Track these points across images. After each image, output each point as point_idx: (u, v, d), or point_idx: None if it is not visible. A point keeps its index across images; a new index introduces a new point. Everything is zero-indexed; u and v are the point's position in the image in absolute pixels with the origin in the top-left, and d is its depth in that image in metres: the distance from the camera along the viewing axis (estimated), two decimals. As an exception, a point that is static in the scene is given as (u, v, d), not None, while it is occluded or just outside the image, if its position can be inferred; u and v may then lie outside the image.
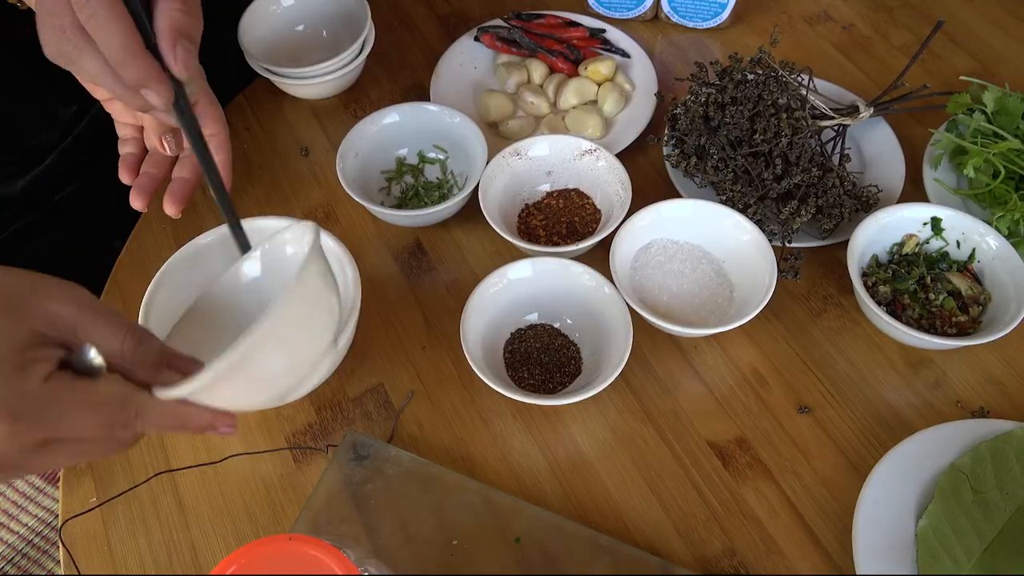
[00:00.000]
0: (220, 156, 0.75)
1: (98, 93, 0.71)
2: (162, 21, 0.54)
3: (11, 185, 0.84)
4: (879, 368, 0.71)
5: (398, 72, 0.94)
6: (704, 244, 0.74)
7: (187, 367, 0.50)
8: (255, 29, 0.88)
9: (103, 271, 0.80)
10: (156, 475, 0.67)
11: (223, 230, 0.71)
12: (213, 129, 0.74)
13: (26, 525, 1.33)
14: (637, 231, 0.73)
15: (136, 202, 0.76)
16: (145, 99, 0.55)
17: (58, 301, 0.45)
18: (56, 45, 0.54)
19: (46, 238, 0.87)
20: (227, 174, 0.75)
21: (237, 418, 0.49)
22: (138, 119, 0.75)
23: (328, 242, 0.69)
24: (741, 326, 0.68)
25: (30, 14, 0.63)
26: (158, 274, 0.68)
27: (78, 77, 0.64)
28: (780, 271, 0.70)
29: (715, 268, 0.74)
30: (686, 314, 0.72)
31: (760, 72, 0.78)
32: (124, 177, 0.76)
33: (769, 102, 0.75)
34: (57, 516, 1.35)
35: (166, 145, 0.73)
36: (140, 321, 0.65)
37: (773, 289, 0.68)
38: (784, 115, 0.74)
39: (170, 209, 0.75)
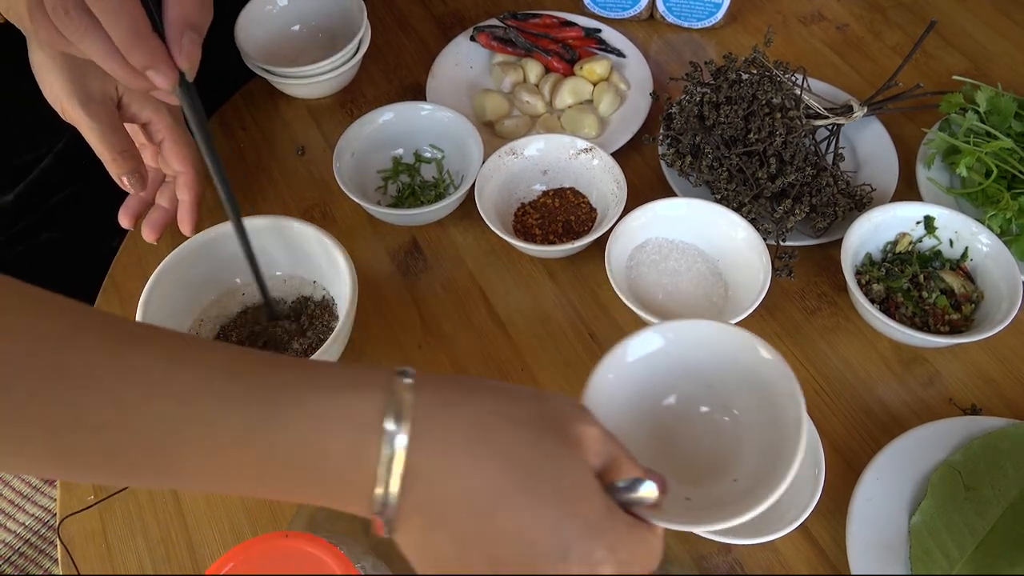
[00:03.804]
0: (186, 196, 0.76)
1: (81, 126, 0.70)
2: (173, 10, 0.54)
3: (5, 196, 0.84)
4: (873, 366, 0.71)
5: (394, 72, 0.95)
6: (699, 243, 0.75)
7: None
8: (251, 28, 0.89)
9: (100, 270, 0.81)
10: (153, 473, 0.67)
11: (220, 229, 0.72)
12: (181, 168, 0.75)
13: (23, 524, 1.33)
14: (632, 230, 0.73)
15: (123, 220, 0.78)
16: (150, 81, 0.55)
17: (586, 423, 0.41)
18: (55, 27, 0.53)
19: (43, 237, 0.87)
20: (192, 217, 0.77)
21: None
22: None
23: (325, 240, 0.69)
24: (735, 324, 0.68)
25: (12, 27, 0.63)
26: (155, 273, 0.68)
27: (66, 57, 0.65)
28: (774, 269, 0.70)
29: (710, 266, 0.74)
30: (681, 312, 0.72)
31: (754, 72, 0.78)
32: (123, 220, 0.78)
33: (763, 101, 0.76)
34: (54, 515, 1.36)
35: (128, 183, 0.72)
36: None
37: (767, 287, 0.68)
38: (778, 114, 0.75)
39: (147, 235, 0.78)
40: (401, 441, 0.37)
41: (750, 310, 0.67)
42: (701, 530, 0.56)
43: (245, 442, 0.36)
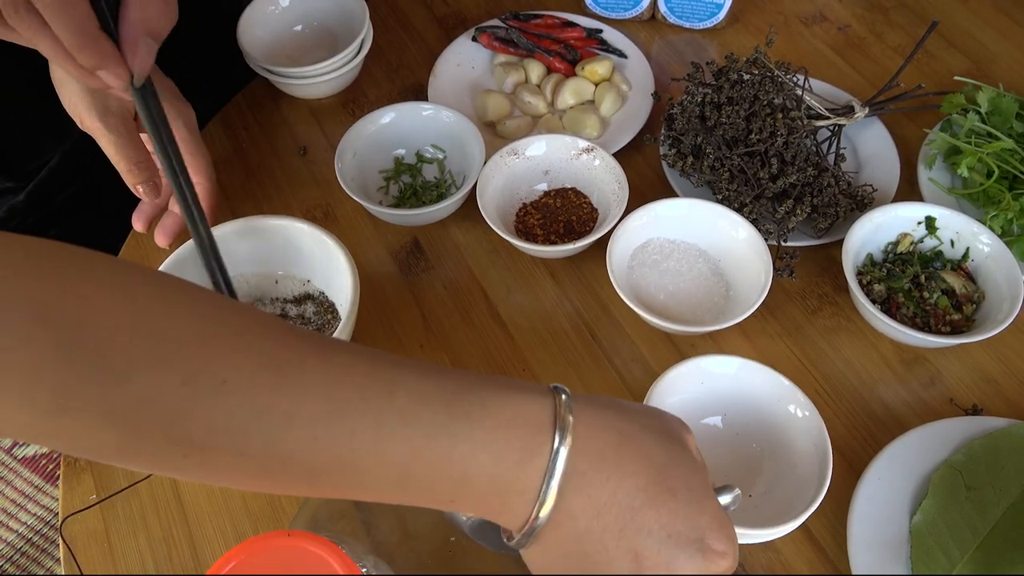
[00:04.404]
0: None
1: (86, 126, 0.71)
2: (133, 11, 0.53)
3: (16, 196, 0.85)
4: (874, 366, 0.71)
5: (396, 72, 0.95)
6: (700, 243, 0.75)
7: None
8: (253, 29, 0.89)
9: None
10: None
11: (218, 231, 0.72)
12: (195, 178, 0.75)
13: (25, 524, 1.33)
14: (634, 230, 0.73)
15: (137, 224, 0.80)
16: (102, 80, 0.54)
17: (690, 433, 0.46)
18: (5, 24, 0.53)
19: (48, 235, 0.88)
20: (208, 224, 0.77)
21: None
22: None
23: (327, 240, 0.70)
24: (737, 324, 0.68)
25: None
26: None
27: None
28: (776, 270, 0.70)
29: (711, 267, 0.74)
30: (682, 312, 0.72)
31: (756, 72, 0.78)
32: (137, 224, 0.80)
33: (765, 102, 0.76)
34: (56, 515, 1.36)
35: (143, 191, 0.73)
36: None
37: (769, 287, 0.68)
38: (780, 115, 0.75)
39: (160, 240, 0.79)
40: (564, 451, 0.39)
41: (751, 310, 0.67)
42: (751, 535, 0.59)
43: (433, 436, 0.38)
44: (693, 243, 0.75)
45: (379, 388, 0.38)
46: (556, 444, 0.39)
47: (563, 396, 0.41)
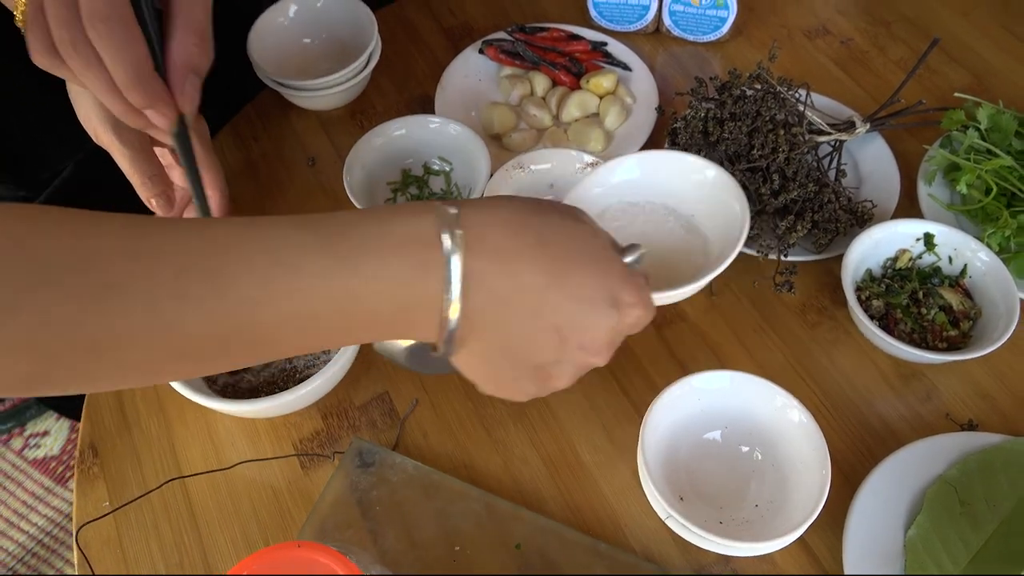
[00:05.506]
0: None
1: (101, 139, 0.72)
2: (177, 54, 0.55)
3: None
4: (871, 380, 0.72)
5: (404, 84, 0.96)
6: (668, 200, 0.73)
7: None
8: (263, 41, 0.90)
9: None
10: (167, 482, 0.69)
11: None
12: (208, 192, 0.76)
13: (36, 525, 1.35)
14: (588, 201, 0.70)
15: None
16: (148, 119, 0.57)
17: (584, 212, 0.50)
18: (55, 56, 0.54)
19: None
20: None
21: None
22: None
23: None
24: (736, 337, 0.69)
25: None
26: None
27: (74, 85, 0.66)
28: (775, 284, 0.71)
29: (683, 223, 0.73)
30: (660, 278, 0.66)
31: (759, 88, 0.79)
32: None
33: (767, 118, 0.77)
34: (66, 516, 1.38)
35: (156, 204, 0.73)
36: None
37: (749, 224, 0.66)
38: (782, 131, 0.76)
39: None
40: (456, 258, 0.42)
41: (732, 256, 0.64)
42: (757, 548, 0.60)
43: (324, 279, 0.41)
44: (660, 201, 0.73)
45: (258, 247, 0.40)
46: (447, 253, 0.42)
47: (449, 209, 0.43)
